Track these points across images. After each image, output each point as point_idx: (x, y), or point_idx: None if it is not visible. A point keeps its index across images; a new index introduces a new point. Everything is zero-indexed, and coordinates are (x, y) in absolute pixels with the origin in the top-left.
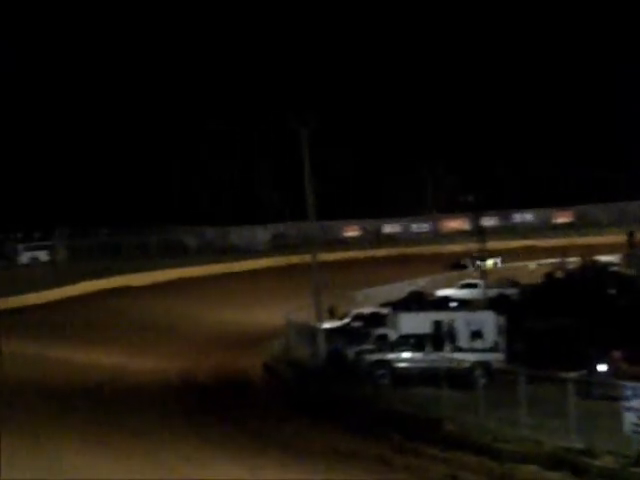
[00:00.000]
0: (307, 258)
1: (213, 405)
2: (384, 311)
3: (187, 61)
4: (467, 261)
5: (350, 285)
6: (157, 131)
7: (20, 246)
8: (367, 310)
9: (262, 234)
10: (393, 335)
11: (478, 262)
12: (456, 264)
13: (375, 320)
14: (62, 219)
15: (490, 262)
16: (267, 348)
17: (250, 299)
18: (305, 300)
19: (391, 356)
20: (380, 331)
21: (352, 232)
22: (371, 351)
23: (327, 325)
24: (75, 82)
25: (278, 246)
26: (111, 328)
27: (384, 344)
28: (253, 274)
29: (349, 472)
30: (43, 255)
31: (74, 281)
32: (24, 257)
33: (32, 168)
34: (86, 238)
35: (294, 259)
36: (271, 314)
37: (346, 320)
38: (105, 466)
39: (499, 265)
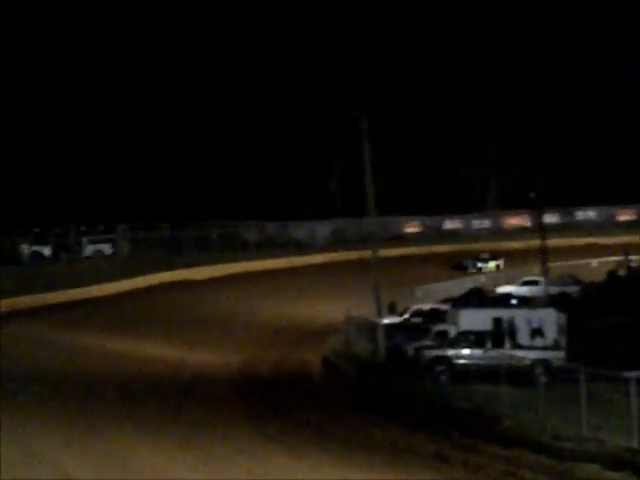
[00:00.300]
0: (367, 254)
1: (272, 399)
2: (444, 307)
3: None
4: (468, 263)
5: (410, 281)
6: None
7: (84, 239)
8: (427, 306)
9: (322, 229)
10: (453, 331)
11: (479, 264)
12: (457, 265)
13: (435, 316)
14: (125, 213)
15: (492, 264)
16: (326, 343)
17: (309, 294)
18: (364, 296)
19: (450, 352)
20: (440, 327)
21: (412, 228)
22: (430, 347)
23: (387, 321)
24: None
25: (338, 242)
26: (172, 321)
27: (444, 340)
28: (312, 269)
29: (407, 468)
30: (107, 248)
31: (136, 274)
32: (88, 250)
33: (95, 163)
34: (148, 232)
35: (354, 255)
36: (330, 309)
37: (406, 316)
38: (163, 458)
39: (501, 267)
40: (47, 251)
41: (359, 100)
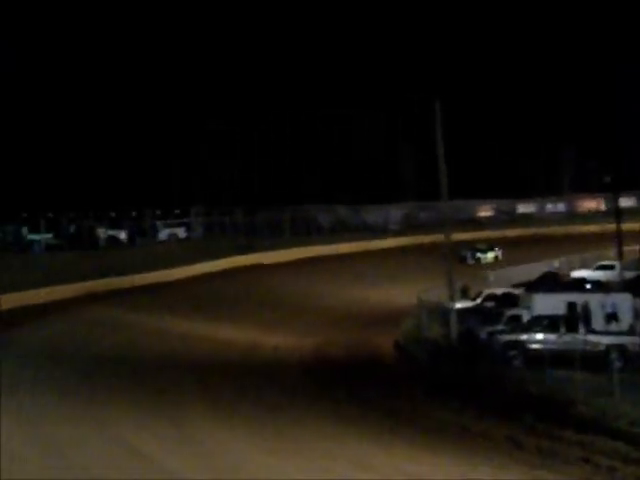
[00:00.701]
0: (440, 238)
1: (344, 382)
2: (517, 292)
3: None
4: (467, 253)
5: (483, 265)
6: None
7: (159, 223)
8: (500, 290)
9: (395, 213)
10: (526, 316)
11: (478, 254)
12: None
13: (508, 300)
14: (199, 197)
15: (491, 255)
16: (398, 327)
17: (382, 278)
18: (437, 280)
19: (524, 337)
20: (513, 312)
21: (486, 212)
22: (503, 332)
23: (459, 305)
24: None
25: (411, 226)
26: (245, 305)
27: (517, 325)
28: (385, 253)
29: (479, 452)
30: (181, 232)
31: (210, 258)
32: (163, 234)
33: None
34: (222, 216)
35: (426, 239)
36: (403, 293)
37: (478, 300)
38: (237, 440)
39: (500, 258)
40: (123, 235)
41: (432, 84)
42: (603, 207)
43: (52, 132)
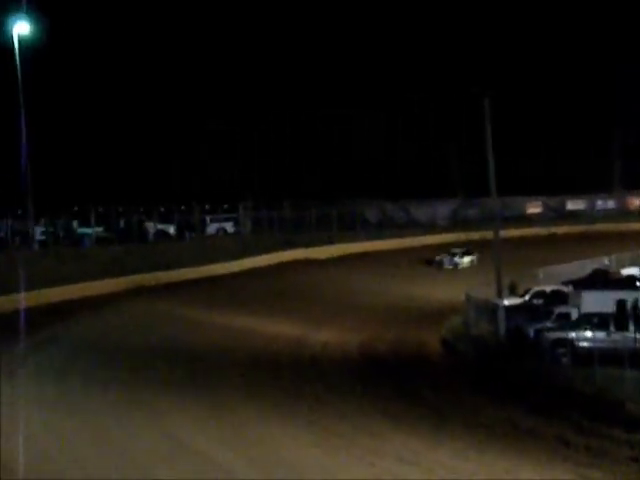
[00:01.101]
0: (488, 234)
1: (390, 378)
2: (566, 289)
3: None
4: (444, 258)
5: (531, 262)
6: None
7: (208, 218)
8: (548, 288)
9: (442, 209)
10: (575, 313)
11: (456, 259)
12: (430, 260)
13: (556, 298)
14: (247, 192)
15: (467, 259)
16: (446, 323)
17: (429, 274)
18: (485, 276)
19: (572, 335)
20: (562, 309)
21: (534, 209)
22: (552, 329)
23: (507, 302)
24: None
25: (458, 222)
26: (292, 300)
27: (565, 322)
28: (433, 249)
29: (526, 450)
30: (229, 227)
31: (257, 253)
32: (211, 228)
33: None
34: (270, 211)
35: (475, 235)
36: (450, 290)
37: (527, 297)
38: (283, 435)
39: (475, 263)
40: (172, 229)
41: (482, 81)
42: None
43: (104, 128)
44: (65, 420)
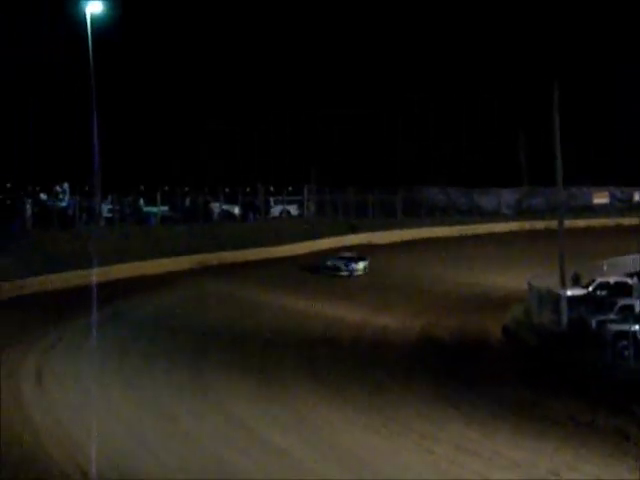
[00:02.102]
0: (552, 224)
1: (450, 365)
2: (630, 281)
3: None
4: (339, 263)
5: (596, 253)
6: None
7: (272, 200)
8: (612, 279)
9: (508, 198)
10: (639, 306)
11: (352, 264)
12: (315, 266)
13: (620, 290)
14: (311, 175)
15: (362, 265)
16: (507, 312)
17: (492, 262)
18: (548, 266)
19: (636, 327)
20: (625, 301)
21: (601, 199)
22: (615, 321)
23: (570, 292)
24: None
25: (523, 211)
26: (354, 283)
27: (629, 315)
28: (496, 237)
29: (586, 442)
30: (293, 209)
31: (320, 236)
32: (275, 210)
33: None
34: (334, 194)
35: (539, 225)
36: (512, 278)
37: (590, 288)
38: (341, 419)
39: (367, 269)
40: (236, 210)
41: (550, 68)
42: None
43: (173, 108)
44: (128, 400)
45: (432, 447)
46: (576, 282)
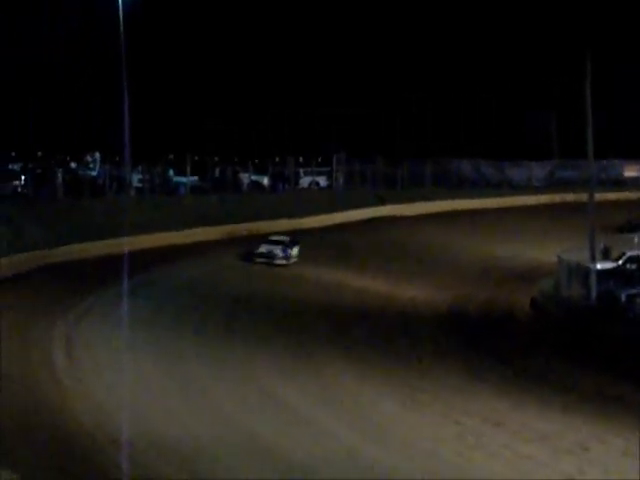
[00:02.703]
0: (583, 197)
1: (478, 337)
2: None
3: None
4: (273, 248)
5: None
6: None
7: (301, 170)
8: None
9: (538, 170)
10: None
11: (289, 250)
12: (249, 253)
13: None
14: (341, 146)
15: (296, 251)
16: (536, 285)
17: (521, 235)
18: (578, 239)
19: None
20: None
21: (632, 172)
22: None
23: (600, 266)
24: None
25: (554, 183)
26: (382, 255)
27: None
28: (526, 210)
29: (613, 416)
30: (322, 180)
31: (349, 207)
32: (304, 181)
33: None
34: (363, 165)
35: (569, 197)
36: (541, 251)
37: (620, 262)
38: (370, 390)
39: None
40: (266, 181)
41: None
42: None
43: (203, 78)
44: (158, 369)
45: (459, 418)
46: (606, 255)
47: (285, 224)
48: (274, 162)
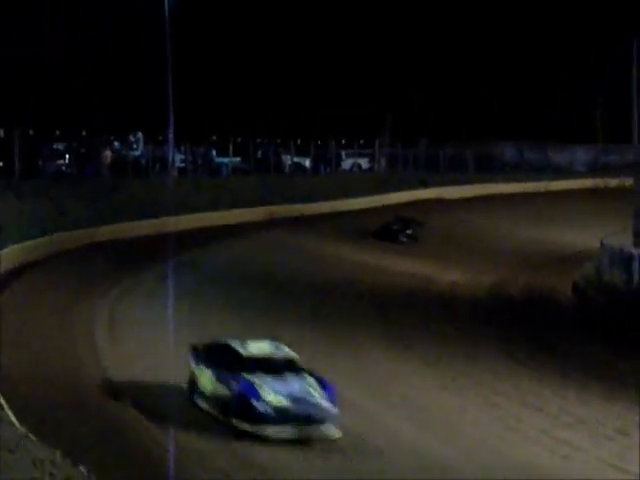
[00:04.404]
0: (627, 182)
1: (518, 321)
2: None
3: None
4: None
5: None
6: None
7: (343, 153)
8: None
9: (582, 154)
10: None
11: (412, 230)
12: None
13: None
14: (383, 129)
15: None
16: (578, 270)
17: (563, 219)
18: (622, 225)
19: None
20: None
21: None
22: None
23: None
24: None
25: (597, 168)
26: (422, 238)
27: None
28: (568, 194)
29: None
30: (364, 163)
31: (391, 190)
32: (346, 163)
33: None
34: (406, 148)
35: (613, 182)
36: (583, 236)
37: None
38: (410, 373)
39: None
40: (307, 163)
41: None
42: None
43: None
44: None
45: (499, 402)
46: None
47: (327, 206)
48: (316, 144)
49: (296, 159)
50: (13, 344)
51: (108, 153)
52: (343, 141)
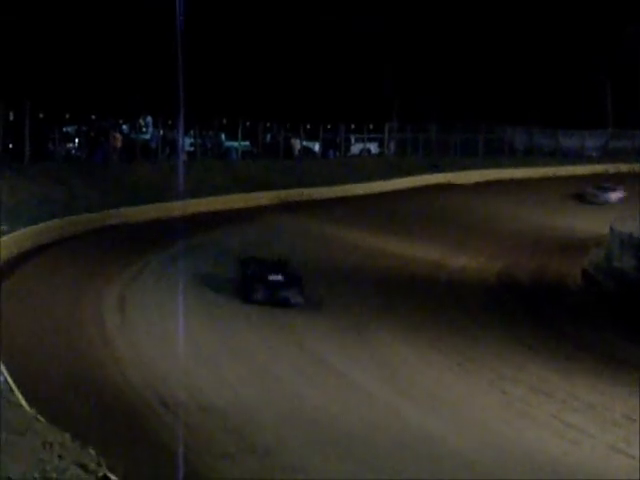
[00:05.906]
0: (637, 168)
1: (527, 306)
2: None
3: None
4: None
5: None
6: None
7: (352, 137)
8: None
9: (592, 140)
10: None
11: (607, 195)
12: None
13: None
14: (393, 113)
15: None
16: (587, 256)
17: (572, 205)
18: (631, 210)
19: None
20: None
21: None
22: None
23: None
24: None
25: (608, 153)
26: (432, 223)
27: None
28: (579, 180)
29: None
30: (374, 147)
31: (400, 175)
32: (355, 148)
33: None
34: (415, 133)
35: (623, 168)
36: (594, 222)
37: None
38: (418, 357)
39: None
40: (317, 147)
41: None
42: None
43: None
44: (208, 333)
45: (507, 387)
46: None
47: (336, 190)
48: (325, 128)
49: (305, 143)
50: (23, 326)
51: (118, 136)
52: (352, 125)
